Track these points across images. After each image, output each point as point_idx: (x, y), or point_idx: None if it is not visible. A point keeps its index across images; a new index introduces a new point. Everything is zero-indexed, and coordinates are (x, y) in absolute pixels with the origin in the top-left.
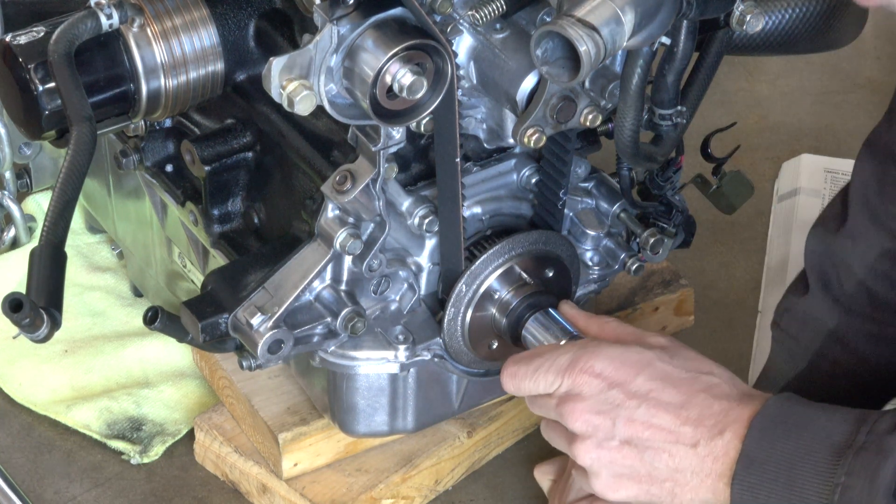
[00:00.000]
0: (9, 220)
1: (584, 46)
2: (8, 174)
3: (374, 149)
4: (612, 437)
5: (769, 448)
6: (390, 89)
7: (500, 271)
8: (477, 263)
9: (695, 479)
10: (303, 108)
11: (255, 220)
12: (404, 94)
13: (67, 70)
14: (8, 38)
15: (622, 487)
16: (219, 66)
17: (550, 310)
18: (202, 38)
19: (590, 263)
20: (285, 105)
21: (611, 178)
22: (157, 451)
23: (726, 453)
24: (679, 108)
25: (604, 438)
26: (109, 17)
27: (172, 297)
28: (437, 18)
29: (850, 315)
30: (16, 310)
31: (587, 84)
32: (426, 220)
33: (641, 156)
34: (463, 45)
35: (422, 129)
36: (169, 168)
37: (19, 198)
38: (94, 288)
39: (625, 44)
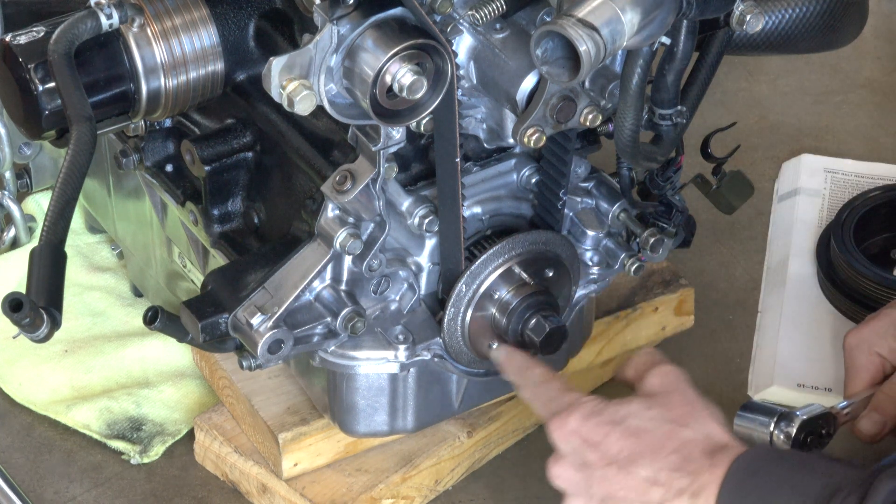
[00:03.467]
0: (9, 220)
1: (584, 46)
2: (8, 174)
3: (374, 149)
4: (591, 495)
5: None
6: (390, 89)
7: (499, 271)
8: (477, 263)
9: None
10: (303, 107)
11: (255, 220)
12: (404, 93)
13: (67, 70)
14: (8, 38)
15: None
16: (219, 66)
17: None
18: (202, 37)
19: (590, 263)
20: (285, 105)
21: (611, 178)
22: (157, 451)
23: None
24: (679, 108)
25: (584, 493)
26: (109, 16)
27: (172, 297)
28: (437, 18)
29: None
30: (16, 310)
31: (587, 84)
32: (426, 220)
33: (641, 156)
34: (463, 45)
35: (422, 129)
36: (169, 168)
37: (19, 198)
38: (94, 288)
39: (625, 44)
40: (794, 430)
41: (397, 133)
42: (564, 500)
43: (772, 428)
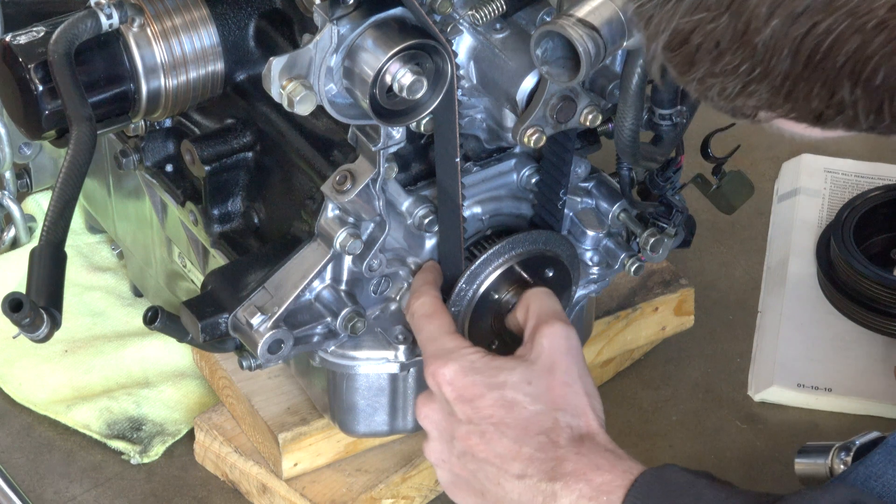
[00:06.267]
0: (9, 220)
1: (584, 46)
2: (8, 174)
3: (374, 149)
4: (451, 446)
5: None
6: (390, 89)
7: (500, 271)
8: (477, 263)
9: None
10: (303, 108)
11: (255, 220)
12: (404, 93)
13: (67, 70)
14: (8, 38)
15: (459, 492)
16: (219, 66)
17: None
18: (202, 37)
19: (590, 263)
20: (285, 105)
21: (611, 178)
22: (157, 451)
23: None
24: (679, 107)
25: (446, 440)
26: (109, 16)
27: (172, 297)
28: (437, 18)
29: None
30: (16, 310)
31: (587, 84)
32: (426, 220)
33: (641, 156)
34: (463, 44)
35: (422, 129)
36: (169, 168)
37: (19, 198)
38: (94, 288)
39: (625, 44)
40: (851, 459)
41: (397, 133)
42: (426, 440)
43: (830, 460)
